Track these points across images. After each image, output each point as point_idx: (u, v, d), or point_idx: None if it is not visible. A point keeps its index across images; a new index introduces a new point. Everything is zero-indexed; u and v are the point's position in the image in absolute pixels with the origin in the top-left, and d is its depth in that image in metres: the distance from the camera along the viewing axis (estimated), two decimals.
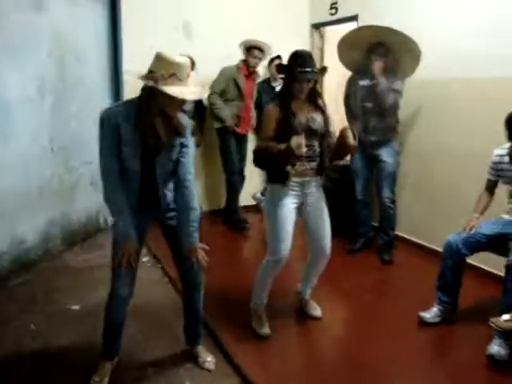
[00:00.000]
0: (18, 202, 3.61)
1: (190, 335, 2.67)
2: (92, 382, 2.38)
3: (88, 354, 2.64)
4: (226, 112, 4.71)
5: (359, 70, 4.08)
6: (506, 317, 2.45)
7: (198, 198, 2.41)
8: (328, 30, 5.66)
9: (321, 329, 3.02)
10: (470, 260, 3.10)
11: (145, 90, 2.15)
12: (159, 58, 2.09)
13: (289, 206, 2.75)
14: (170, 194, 2.40)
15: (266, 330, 2.87)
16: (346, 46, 4.05)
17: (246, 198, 5.41)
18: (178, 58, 2.09)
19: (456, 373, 2.58)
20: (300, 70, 2.59)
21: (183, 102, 2.17)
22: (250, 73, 4.77)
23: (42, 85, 3.78)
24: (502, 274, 3.42)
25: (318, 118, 2.72)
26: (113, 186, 2.21)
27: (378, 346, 2.80)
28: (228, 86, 4.69)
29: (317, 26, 5.64)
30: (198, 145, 4.97)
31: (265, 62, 5.26)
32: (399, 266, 4.00)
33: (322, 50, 5.72)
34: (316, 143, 2.73)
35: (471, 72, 3.72)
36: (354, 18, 4.94)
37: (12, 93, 3.48)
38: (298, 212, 2.84)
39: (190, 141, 2.35)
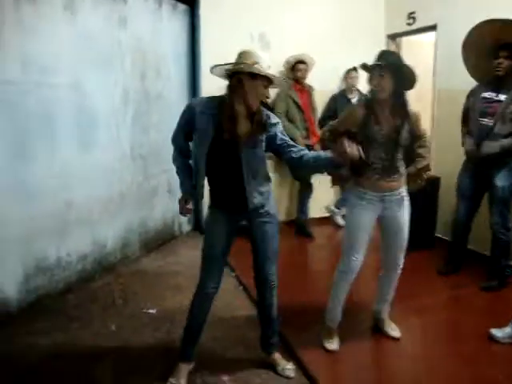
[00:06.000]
0: (101, 208, 3.78)
1: (266, 342, 2.65)
2: None
3: (164, 357, 2.70)
4: (297, 132, 4.79)
5: (484, 79, 3.68)
6: None
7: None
8: (405, 40, 5.53)
9: (396, 347, 2.90)
10: None
11: (231, 80, 2.26)
12: (242, 52, 2.25)
13: (365, 218, 2.67)
14: (259, 197, 2.35)
15: (333, 345, 2.80)
16: (470, 50, 3.69)
17: (318, 210, 5.39)
18: (259, 52, 2.27)
19: None
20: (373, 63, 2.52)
21: (266, 89, 2.28)
22: (302, 86, 4.93)
23: (125, 96, 3.95)
24: None
25: (404, 128, 2.58)
26: (176, 151, 2.45)
27: (457, 369, 2.65)
28: (288, 104, 4.83)
29: (393, 37, 5.53)
30: None
31: (339, 74, 5.27)
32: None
33: None
34: (398, 155, 2.61)
35: None
36: (432, 27, 4.82)
37: (98, 104, 3.67)
38: (377, 222, 2.76)
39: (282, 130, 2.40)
